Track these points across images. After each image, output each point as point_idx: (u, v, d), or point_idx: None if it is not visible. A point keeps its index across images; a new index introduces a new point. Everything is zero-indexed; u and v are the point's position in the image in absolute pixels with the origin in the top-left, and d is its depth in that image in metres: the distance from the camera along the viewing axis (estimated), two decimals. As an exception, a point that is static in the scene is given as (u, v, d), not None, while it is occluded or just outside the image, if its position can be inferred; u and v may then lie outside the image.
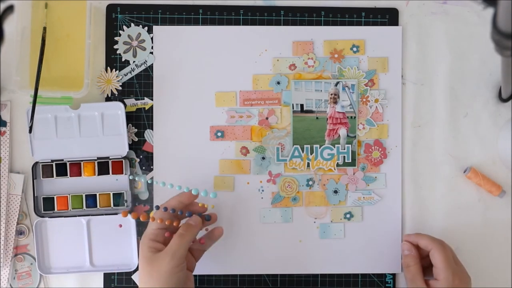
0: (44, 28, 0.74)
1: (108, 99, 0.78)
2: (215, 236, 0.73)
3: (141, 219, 0.68)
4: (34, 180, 0.76)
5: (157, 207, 0.69)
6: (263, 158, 0.78)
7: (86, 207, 0.77)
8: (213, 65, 0.78)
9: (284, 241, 0.78)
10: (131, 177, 0.76)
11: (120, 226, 0.76)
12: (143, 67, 0.78)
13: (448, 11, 0.79)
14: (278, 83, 0.78)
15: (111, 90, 0.77)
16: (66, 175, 0.77)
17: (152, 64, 0.78)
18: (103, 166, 0.77)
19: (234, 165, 0.78)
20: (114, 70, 0.77)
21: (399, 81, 0.79)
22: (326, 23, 0.79)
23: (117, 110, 0.76)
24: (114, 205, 0.77)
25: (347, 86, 0.78)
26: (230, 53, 0.78)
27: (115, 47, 0.78)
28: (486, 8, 0.52)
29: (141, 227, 0.77)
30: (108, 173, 0.77)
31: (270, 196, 0.78)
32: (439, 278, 0.69)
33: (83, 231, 0.76)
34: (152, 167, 0.78)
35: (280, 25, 0.78)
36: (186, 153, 0.78)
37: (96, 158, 0.76)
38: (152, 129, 0.78)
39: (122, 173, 0.77)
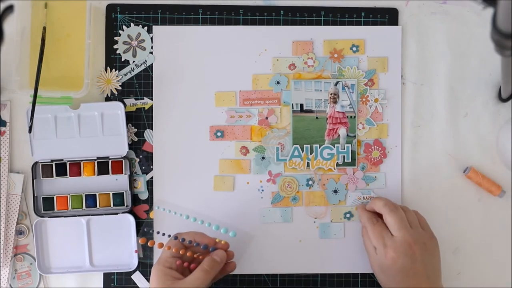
0: (44, 28, 0.74)
1: (108, 99, 0.78)
2: (227, 271, 0.71)
3: (157, 247, 0.68)
4: (34, 180, 0.76)
5: (175, 238, 0.69)
6: (263, 158, 0.78)
7: (86, 207, 0.77)
8: (213, 65, 0.78)
9: (284, 241, 0.78)
10: None
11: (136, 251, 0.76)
12: (143, 67, 0.78)
13: (448, 11, 0.79)
14: (278, 82, 0.78)
15: (111, 90, 0.77)
16: (66, 175, 0.77)
17: (152, 64, 0.78)
18: (103, 166, 0.77)
19: (234, 165, 0.78)
20: (114, 70, 0.78)
21: (399, 81, 0.79)
22: (326, 23, 0.79)
23: (117, 110, 0.76)
24: (114, 205, 0.77)
25: (346, 86, 0.78)
26: (230, 53, 0.78)
27: (115, 47, 0.78)
28: (486, 8, 0.52)
29: (141, 227, 0.77)
30: (108, 173, 0.77)
31: (270, 196, 0.78)
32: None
33: (83, 231, 0.76)
34: (152, 167, 0.78)
35: (280, 25, 0.78)
36: (186, 153, 0.78)
37: (96, 158, 0.76)
38: (152, 129, 0.78)
39: (122, 173, 0.77)
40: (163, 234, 0.72)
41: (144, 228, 0.73)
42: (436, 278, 0.70)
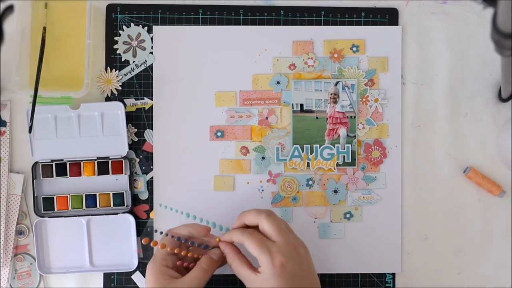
0: (44, 28, 0.74)
1: (108, 99, 0.78)
2: (224, 262, 0.70)
3: (159, 248, 0.67)
4: (34, 180, 0.76)
5: (166, 234, 0.68)
6: (263, 158, 0.78)
7: (86, 207, 0.77)
8: (213, 65, 0.78)
9: (284, 241, 0.78)
10: None
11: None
12: (143, 67, 0.78)
13: (448, 11, 0.79)
14: (278, 82, 0.78)
15: (111, 90, 0.77)
16: (66, 175, 0.77)
17: (152, 64, 0.78)
18: (103, 166, 0.77)
19: (234, 165, 0.78)
20: (114, 70, 0.78)
21: (399, 81, 0.79)
22: (326, 23, 0.79)
23: (117, 110, 0.76)
24: (114, 205, 0.77)
25: (347, 86, 0.78)
26: (230, 53, 0.78)
27: (115, 47, 0.78)
28: (486, 8, 0.53)
29: (141, 227, 0.77)
30: (108, 173, 0.77)
31: (270, 196, 0.78)
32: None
33: (83, 231, 0.76)
34: (152, 167, 0.78)
35: (280, 25, 0.78)
36: (186, 153, 0.78)
37: (96, 158, 0.76)
38: (152, 129, 0.78)
39: (122, 173, 0.77)
40: (161, 233, 0.70)
41: (147, 228, 0.72)
42: (317, 282, 0.66)
